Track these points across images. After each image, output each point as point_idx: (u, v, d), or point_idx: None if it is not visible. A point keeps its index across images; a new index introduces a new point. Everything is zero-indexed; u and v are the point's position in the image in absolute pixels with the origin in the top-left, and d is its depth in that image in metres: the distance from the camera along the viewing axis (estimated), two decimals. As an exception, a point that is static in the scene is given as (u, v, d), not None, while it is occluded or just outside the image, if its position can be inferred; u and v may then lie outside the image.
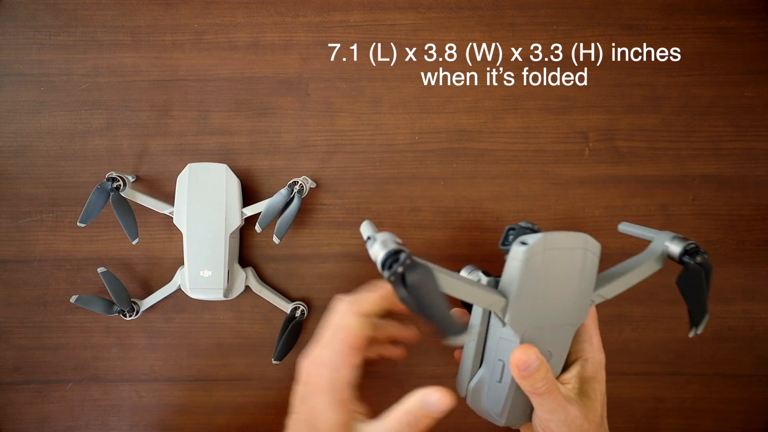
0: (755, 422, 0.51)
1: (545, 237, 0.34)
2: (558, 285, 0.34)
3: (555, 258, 0.34)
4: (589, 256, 0.35)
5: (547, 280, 0.34)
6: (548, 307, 0.34)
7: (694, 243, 0.36)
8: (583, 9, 0.51)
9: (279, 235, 0.47)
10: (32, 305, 0.51)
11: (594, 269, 0.35)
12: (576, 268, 0.35)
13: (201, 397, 0.52)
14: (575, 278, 0.35)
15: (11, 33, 0.51)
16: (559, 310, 0.35)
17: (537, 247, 0.33)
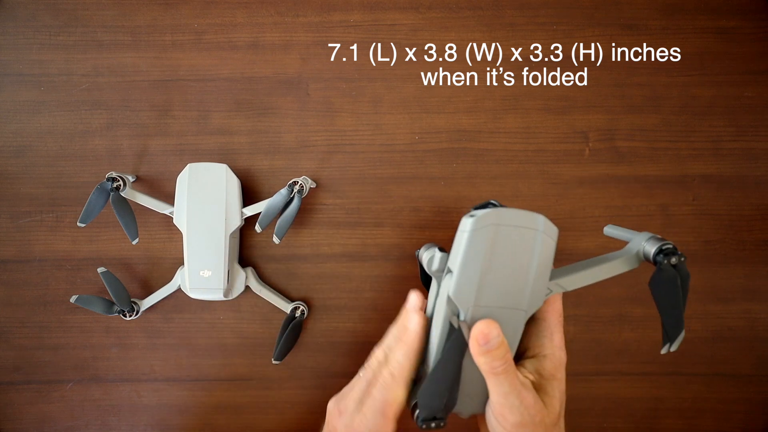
0: (755, 422, 0.51)
1: (496, 211, 0.32)
2: (507, 264, 0.33)
3: (505, 235, 0.32)
4: (543, 239, 0.33)
5: (495, 256, 0.32)
6: (496, 287, 0.33)
7: (671, 244, 0.35)
8: (583, 9, 0.51)
9: (279, 235, 0.47)
10: (32, 305, 0.51)
11: (550, 254, 0.34)
12: (527, 250, 0.33)
13: (201, 397, 0.52)
14: (526, 260, 0.33)
15: (11, 33, 0.51)
16: (509, 293, 0.33)
17: (485, 220, 0.32)
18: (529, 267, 0.33)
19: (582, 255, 0.51)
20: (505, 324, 0.33)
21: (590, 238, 0.51)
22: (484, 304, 0.33)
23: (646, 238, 0.36)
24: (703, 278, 0.51)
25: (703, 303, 0.51)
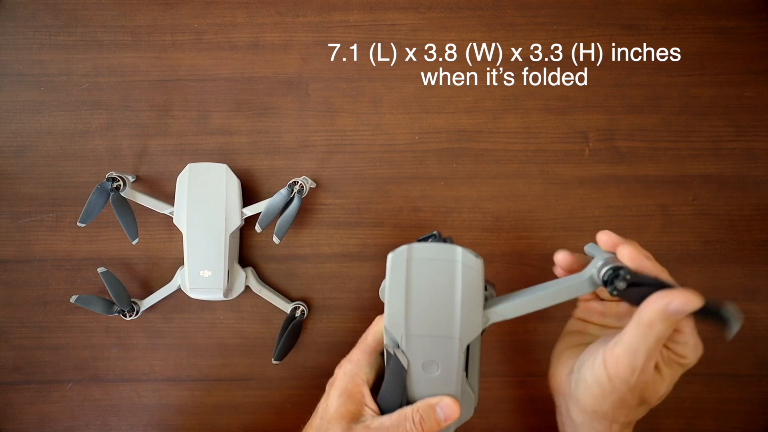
0: (755, 422, 0.51)
1: (410, 247, 0.35)
2: (428, 296, 0.35)
3: (421, 268, 0.35)
4: (464, 269, 0.34)
5: (415, 289, 0.35)
6: (423, 317, 0.35)
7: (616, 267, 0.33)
8: (583, 9, 0.51)
9: (279, 235, 0.47)
10: (32, 305, 0.51)
11: (475, 284, 0.34)
12: (447, 281, 0.34)
13: (201, 397, 0.52)
14: (448, 290, 0.34)
15: (11, 33, 0.51)
16: (437, 322, 0.35)
17: (399, 257, 0.35)
18: (452, 297, 0.34)
19: (582, 255, 0.51)
20: (442, 352, 0.35)
21: (590, 238, 0.50)
22: (415, 333, 0.35)
23: (602, 261, 0.35)
24: (703, 278, 0.51)
25: (703, 303, 0.51)
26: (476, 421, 0.51)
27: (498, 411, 0.51)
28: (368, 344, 0.38)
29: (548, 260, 0.51)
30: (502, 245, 0.51)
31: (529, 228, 0.51)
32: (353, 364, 0.38)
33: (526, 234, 0.51)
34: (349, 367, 0.38)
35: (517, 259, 0.51)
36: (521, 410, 0.51)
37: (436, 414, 0.34)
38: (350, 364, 0.38)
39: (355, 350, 0.38)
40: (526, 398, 0.51)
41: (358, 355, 0.38)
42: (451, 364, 0.35)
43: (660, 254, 0.50)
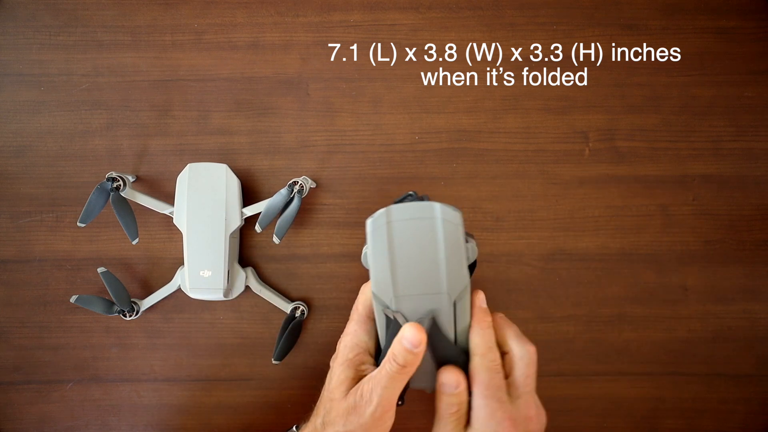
0: (755, 422, 0.51)
1: (388, 209, 0.36)
2: (412, 254, 0.35)
3: (403, 229, 0.35)
4: (444, 224, 0.35)
5: (398, 249, 0.35)
6: (409, 277, 0.35)
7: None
8: (583, 9, 0.51)
9: (279, 235, 0.47)
10: (32, 305, 0.51)
11: (456, 237, 0.35)
12: (429, 237, 0.35)
13: (201, 397, 0.52)
14: (431, 247, 0.35)
15: (11, 33, 0.51)
16: (424, 280, 0.36)
17: (378, 221, 0.36)
18: (436, 253, 0.35)
19: (582, 255, 0.51)
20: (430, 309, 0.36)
21: (590, 238, 0.51)
22: (403, 294, 0.36)
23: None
24: (703, 278, 0.51)
25: (703, 303, 0.51)
26: (476, 421, 0.51)
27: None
28: (360, 314, 0.39)
29: (548, 260, 0.51)
30: (502, 245, 0.51)
31: (529, 228, 0.51)
32: (351, 335, 0.39)
33: (526, 234, 0.51)
34: (347, 339, 0.39)
35: (517, 259, 0.51)
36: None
37: (403, 345, 0.35)
38: (348, 336, 0.39)
39: (350, 323, 0.40)
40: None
41: (353, 327, 0.39)
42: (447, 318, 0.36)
43: (660, 254, 0.51)
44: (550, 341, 0.51)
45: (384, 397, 0.35)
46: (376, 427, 0.36)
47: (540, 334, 0.51)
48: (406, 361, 0.35)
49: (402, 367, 0.35)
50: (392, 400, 0.35)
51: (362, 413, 0.35)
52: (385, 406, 0.35)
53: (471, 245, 0.37)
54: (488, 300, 0.51)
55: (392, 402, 0.36)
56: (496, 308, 0.51)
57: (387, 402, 0.35)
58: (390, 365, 0.35)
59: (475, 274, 0.50)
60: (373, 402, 0.35)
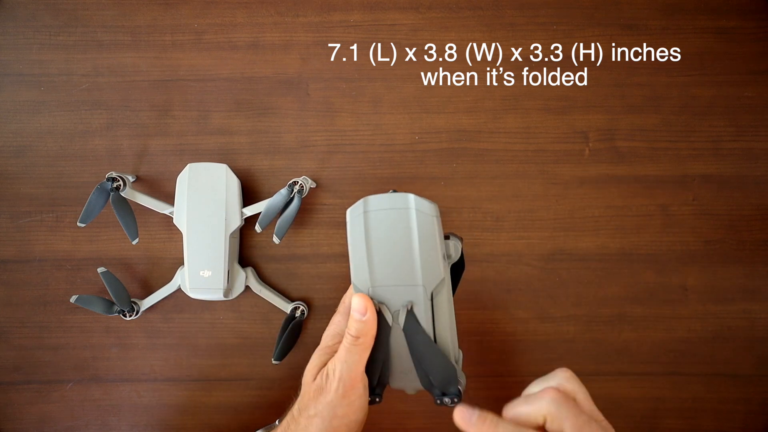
0: (755, 422, 0.51)
1: (365, 200, 0.36)
2: (388, 245, 0.36)
3: (377, 219, 0.36)
4: (418, 215, 0.36)
5: (374, 240, 0.36)
6: (386, 267, 0.36)
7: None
8: (583, 9, 0.51)
9: (279, 235, 0.47)
10: (32, 305, 0.51)
11: (432, 229, 0.36)
12: (403, 228, 0.36)
13: (201, 397, 0.52)
14: (405, 238, 0.36)
15: (11, 33, 0.51)
16: (400, 270, 0.36)
17: (355, 210, 0.36)
18: (410, 243, 0.36)
19: (582, 255, 0.51)
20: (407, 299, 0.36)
21: (590, 238, 0.51)
22: (380, 284, 0.36)
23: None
24: (703, 278, 0.51)
25: (703, 303, 0.51)
26: (476, 421, 0.51)
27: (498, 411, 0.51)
28: (347, 306, 0.40)
29: (548, 260, 0.51)
30: (502, 245, 0.51)
31: (529, 228, 0.51)
32: (335, 325, 0.40)
33: (526, 234, 0.51)
34: (331, 328, 0.40)
35: (517, 259, 0.51)
36: (521, 410, 0.51)
37: (353, 316, 0.36)
38: (332, 326, 0.40)
39: (336, 314, 0.40)
40: (526, 398, 0.51)
41: (338, 318, 0.40)
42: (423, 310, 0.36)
43: (660, 254, 0.51)
44: (550, 341, 0.51)
45: (345, 371, 0.36)
46: (343, 406, 0.36)
47: (540, 334, 0.51)
48: (358, 331, 0.36)
49: (355, 338, 0.36)
50: (353, 376, 0.36)
51: (328, 391, 0.36)
52: (347, 382, 0.36)
53: (453, 242, 0.37)
54: (488, 300, 0.51)
55: (354, 377, 0.36)
56: (496, 308, 0.51)
57: (348, 377, 0.36)
58: (345, 339, 0.36)
59: (476, 274, 0.51)
60: (336, 378, 0.36)
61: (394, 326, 0.36)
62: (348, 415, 0.36)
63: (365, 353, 0.36)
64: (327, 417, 0.36)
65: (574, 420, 0.33)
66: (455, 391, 0.36)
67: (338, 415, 0.36)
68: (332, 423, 0.36)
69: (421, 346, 0.36)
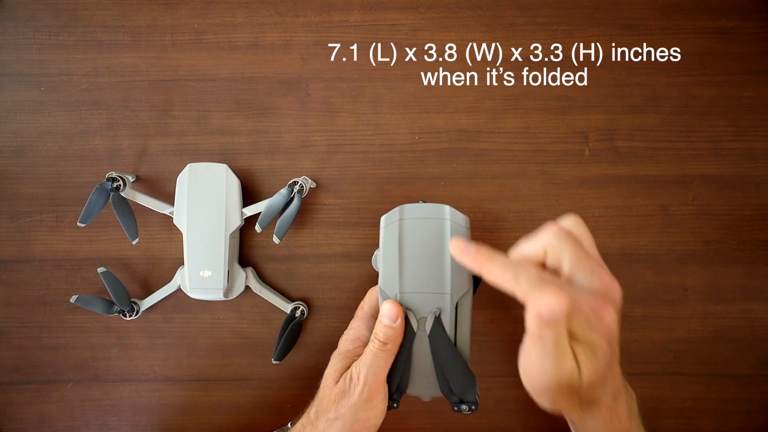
0: (755, 422, 0.51)
1: (401, 208, 0.38)
2: (420, 253, 0.37)
3: (412, 227, 0.37)
4: (452, 226, 0.37)
5: (407, 247, 0.37)
6: (416, 274, 0.37)
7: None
8: (583, 9, 0.51)
9: (279, 235, 0.47)
10: (32, 305, 0.51)
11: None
12: (437, 238, 0.37)
13: (201, 397, 0.52)
14: (438, 247, 0.37)
15: (11, 33, 0.51)
16: (429, 279, 0.37)
17: (391, 217, 0.38)
18: (442, 253, 0.37)
19: (582, 255, 0.51)
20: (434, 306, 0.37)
21: (590, 238, 0.51)
22: (409, 291, 0.37)
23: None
24: (703, 278, 0.51)
25: (703, 303, 0.51)
26: (476, 421, 0.51)
27: (498, 411, 0.51)
28: (365, 312, 0.40)
29: (548, 260, 0.51)
30: (502, 245, 0.51)
31: (529, 228, 0.51)
32: (353, 330, 0.40)
33: (526, 234, 0.51)
34: (350, 333, 0.40)
35: (517, 259, 0.51)
36: (521, 410, 0.51)
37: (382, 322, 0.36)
38: (351, 331, 0.40)
39: (354, 320, 0.41)
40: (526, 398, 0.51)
41: (357, 323, 0.40)
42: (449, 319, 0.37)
43: (660, 254, 0.51)
44: (550, 341, 0.51)
45: (370, 376, 0.36)
46: (366, 410, 0.36)
47: (540, 334, 0.51)
48: (387, 337, 0.36)
49: (383, 343, 0.36)
50: (379, 380, 0.36)
51: (351, 395, 0.36)
52: (372, 386, 0.36)
53: None
54: (488, 300, 0.51)
55: (379, 382, 0.36)
56: (497, 308, 0.51)
57: (374, 381, 0.36)
58: (372, 344, 0.36)
59: (475, 274, 0.51)
60: (361, 382, 0.36)
61: (419, 333, 0.37)
62: (369, 419, 0.37)
63: (391, 359, 0.37)
64: (348, 420, 0.36)
65: (574, 254, 0.32)
66: (473, 399, 0.37)
67: (360, 419, 0.36)
68: (353, 427, 0.36)
69: (444, 353, 0.36)
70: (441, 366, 0.37)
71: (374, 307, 0.40)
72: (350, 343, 0.39)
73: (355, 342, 0.39)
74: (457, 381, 0.36)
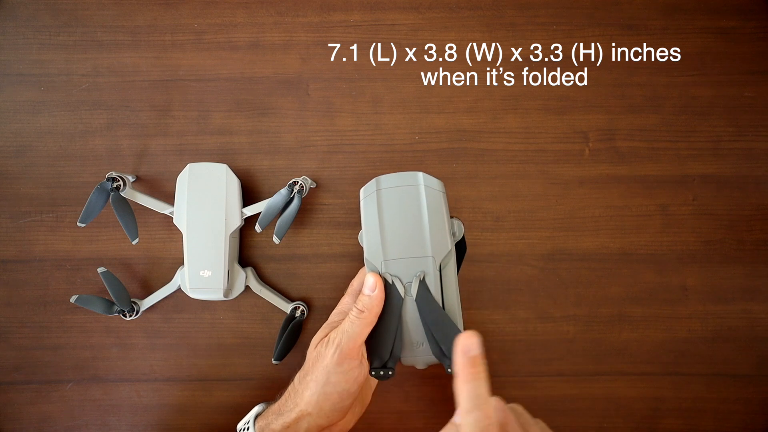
0: (755, 422, 0.51)
1: (377, 179, 0.39)
2: (399, 219, 0.39)
3: (389, 196, 0.39)
4: (427, 191, 0.39)
5: (386, 215, 0.38)
6: (398, 241, 0.38)
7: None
8: (583, 9, 0.51)
9: (279, 235, 0.47)
10: (32, 305, 0.51)
11: (439, 203, 0.39)
12: (414, 203, 0.39)
13: (201, 397, 0.52)
14: (416, 212, 0.39)
15: (11, 33, 0.51)
16: (411, 243, 0.38)
17: (369, 188, 0.39)
18: (420, 217, 0.39)
19: (582, 255, 0.51)
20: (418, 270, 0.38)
21: (590, 238, 0.51)
22: (392, 258, 0.39)
23: None
24: (703, 278, 0.51)
25: (703, 303, 0.51)
26: (476, 421, 0.51)
27: (498, 411, 0.51)
28: (355, 288, 0.43)
29: (548, 260, 0.51)
30: (502, 245, 0.51)
31: (529, 228, 0.51)
32: (342, 304, 0.43)
33: (526, 234, 0.51)
34: (339, 307, 0.43)
35: (517, 259, 0.51)
36: (521, 410, 0.51)
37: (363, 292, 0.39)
38: (340, 305, 0.43)
39: (345, 296, 0.43)
40: (527, 398, 0.51)
41: (346, 298, 0.43)
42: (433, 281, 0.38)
43: (660, 254, 0.51)
44: (550, 341, 0.51)
45: (344, 340, 0.38)
46: (337, 373, 0.38)
47: (540, 334, 0.51)
48: (364, 305, 0.38)
49: (360, 311, 0.38)
50: (351, 346, 0.38)
51: (325, 356, 0.38)
52: (344, 350, 0.38)
53: (456, 222, 0.40)
54: (488, 300, 0.51)
55: (352, 348, 0.38)
56: (497, 308, 0.51)
57: (346, 346, 0.38)
58: (351, 312, 0.38)
59: (476, 274, 0.51)
60: (334, 344, 0.38)
61: (407, 299, 0.39)
62: (341, 383, 0.38)
63: (367, 328, 0.38)
64: (321, 381, 0.38)
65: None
66: None
67: (331, 382, 0.38)
68: (325, 389, 0.38)
69: (432, 315, 0.38)
70: (430, 328, 0.38)
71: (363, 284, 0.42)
72: (337, 315, 0.42)
73: (341, 315, 0.42)
74: (447, 342, 0.37)
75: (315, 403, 0.38)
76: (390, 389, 0.51)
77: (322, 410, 0.38)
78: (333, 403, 0.39)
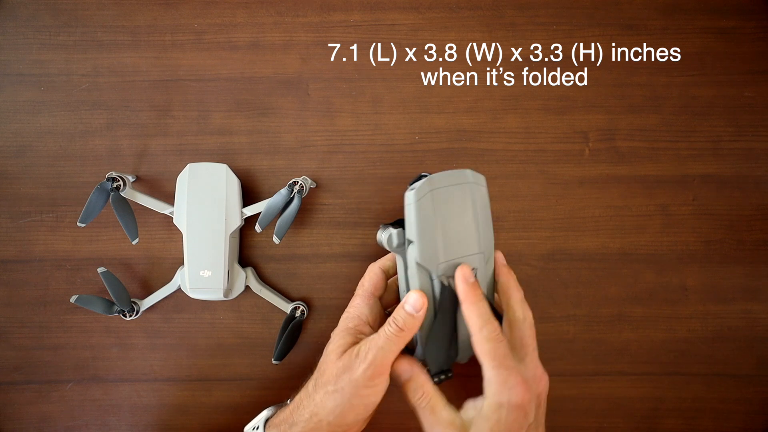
0: (755, 422, 0.51)
1: (430, 178, 0.37)
2: (453, 219, 0.37)
3: (442, 196, 0.37)
4: (474, 188, 0.38)
5: (441, 216, 0.37)
6: (452, 242, 0.37)
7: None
8: (583, 9, 0.51)
9: (279, 235, 0.47)
10: (32, 305, 0.51)
11: (485, 199, 0.39)
12: (465, 201, 0.38)
13: (201, 397, 0.52)
14: (468, 210, 0.38)
15: (11, 33, 0.51)
16: (463, 243, 0.38)
17: (423, 190, 0.37)
18: (472, 215, 0.38)
19: (582, 255, 0.51)
20: (477, 266, 0.38)
21: (590, 238, 0.51)
22: (446, 260, 0.37)
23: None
24: (703, 278, 0.51)
25: (703, 303, 0.51)
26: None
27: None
28: (366, 290, 0.41)
29: (548, 260, 0.51)
30: (502, 245, 0.51)
31: (529, 228, 0.51)
32: (354, 308, 0.41)
33: (526, 234, 0.51)
34: (351, 311, 0.41)
35: (516, 259, 0.51)
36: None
37: (405, 309, 0.37)
38: (351, 308, 0.41)
39: (355, 298, 0.41)
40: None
41: (358, 301, 0.41)
42: (486, 272, 0.39)
43: (660, 254, 0.51)
44: (550, 341, 0.51)
45: (378, 357, 0.36)
46: (367, 387, 0.37)
47: (540, 334, 0.50)
48: (405, 324, 0.36)
49: (400, 330, 0.36)
50: (386, 362, 0.37)
51: (355, 370, 0.36)
52: (378, 367, 0.36)
53: None
54: (488, 300, 0.51)
55: (386, 364, 0.37)
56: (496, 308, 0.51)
57: (380, 362, 0.36)
58: (389, 327, 0.37)
59: (475, 274, 0.51)
60: (367, 360, 0.36)
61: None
62: (369, 396, 0.37)
63: (402, 345, 0.37)
64: (348, 394, 0.37)
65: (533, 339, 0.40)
66: None
67: (360, 395, 0.37)
68: (352, 401, 0.37)
69: None
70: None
71: (374, 284, 0.41)
72: (351, 321, 0.40)
73: (355, 320, 0.40)
74: None
75: (339, 414, 0.37)
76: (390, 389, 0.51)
77: (344, 421, 0.37)
78: (357, 414, 0.37)
